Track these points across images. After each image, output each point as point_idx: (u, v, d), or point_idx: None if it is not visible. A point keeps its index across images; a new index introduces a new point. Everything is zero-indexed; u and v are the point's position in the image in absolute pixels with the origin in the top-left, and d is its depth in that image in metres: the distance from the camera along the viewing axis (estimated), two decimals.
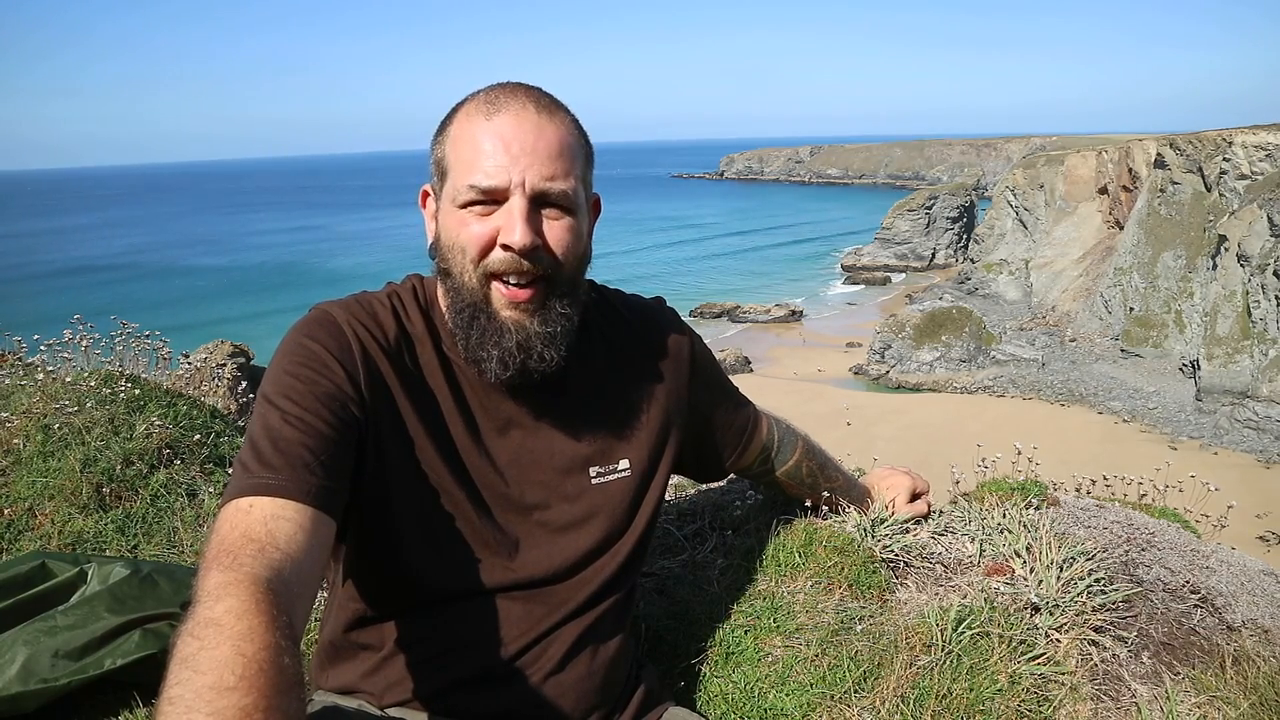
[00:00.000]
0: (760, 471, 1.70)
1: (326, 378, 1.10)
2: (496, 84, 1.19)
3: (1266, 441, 30.77)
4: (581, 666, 1.25)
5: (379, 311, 1.20)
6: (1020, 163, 57.90)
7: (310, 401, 1.07)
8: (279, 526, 0.96)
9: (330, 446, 1.06)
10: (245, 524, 0.95)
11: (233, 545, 0.92)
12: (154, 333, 3.45)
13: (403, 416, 1.16)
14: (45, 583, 1.63)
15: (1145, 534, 1.90)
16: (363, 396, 1.12)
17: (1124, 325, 39.75)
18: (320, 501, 1.01)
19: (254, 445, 1.04)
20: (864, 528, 1.81)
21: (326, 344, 1.13)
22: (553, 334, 1.18)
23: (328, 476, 1.04)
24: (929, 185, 76.23)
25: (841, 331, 46.96)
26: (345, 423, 1.09)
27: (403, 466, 1.16)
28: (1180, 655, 1.64)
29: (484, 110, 1.15)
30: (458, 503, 1.19)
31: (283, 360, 1.12)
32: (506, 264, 1.14)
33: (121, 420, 2.54)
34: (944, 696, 1.45)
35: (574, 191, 1.16)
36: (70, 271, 71.34)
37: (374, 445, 1.14)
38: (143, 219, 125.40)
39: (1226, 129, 38.92)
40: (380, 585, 1.21)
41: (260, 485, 0.99)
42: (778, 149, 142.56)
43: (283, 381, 1.09)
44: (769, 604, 1.65)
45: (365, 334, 1.16)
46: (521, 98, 1.15)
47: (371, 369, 1.14)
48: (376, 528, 1.17)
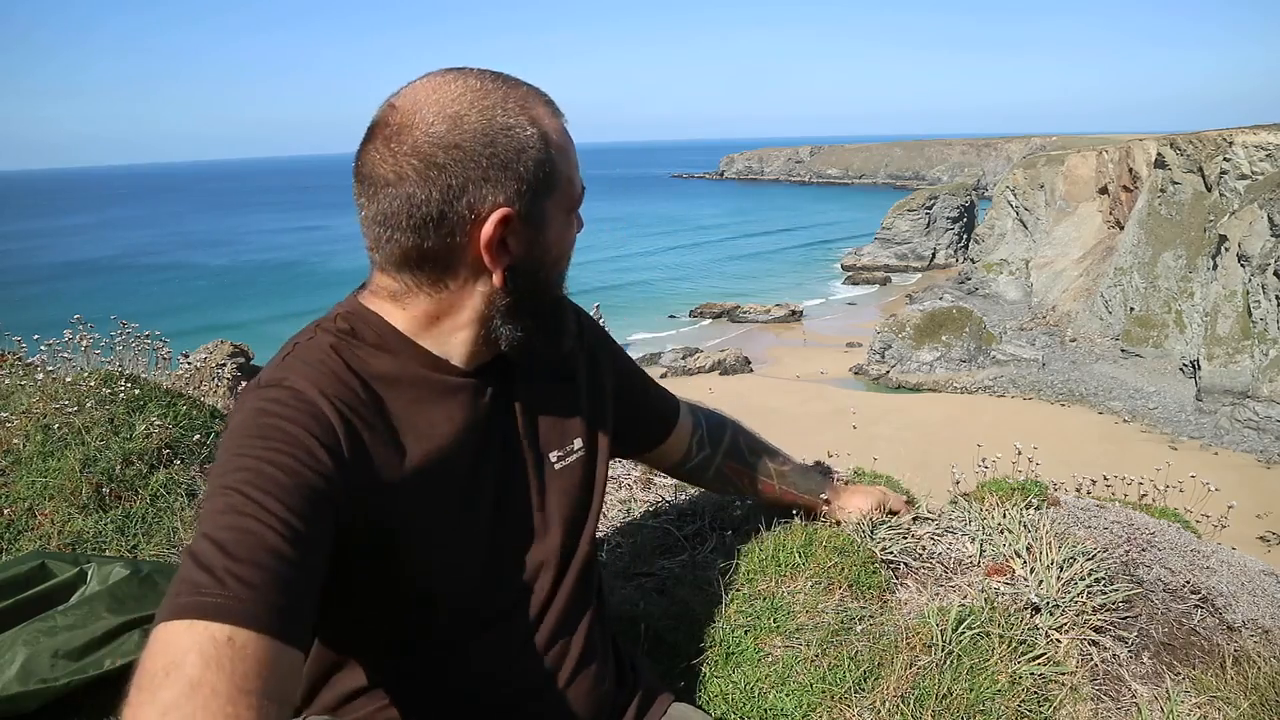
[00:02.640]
0: (700, 460, 1.62)
1: (312, 468, 0.92)
2: (512, 79, 1.09)
3: (1267, 441, 30.78)
4: (584, 668, 1.24)
5: (338, 371, 1.03)
6: (1020, 163, 57.90)
7: (295, 500, 0.88)
8: (272, 675, 0.77)
9: (315, 559, 0.89)
10: (234, 667, 0.74)
11: (228, 701, 0.72)
12: (154, 333, 3.45)
13: (388, 477, 1.03)
14: (45, 583, 1.63)
15: (1146, 534, 1.90)
16: (349, 479, 0.96)
17: (1124, 325, 39.76)
18: (302, 640, 0.83)
19: (224, 549, 0.82)
20: (864, 528, 1.81)
21: (306, 425, 0.95)
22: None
23: (311, 603, 0.87)
24: (929, 185, 76.26)
25: (841, 331, 46.98)
26: (328, 521, 0.92)
27: (395, 525, 1.04)
28: (1181, 655, 1.64)
29: (555, 111, 1.11)
30: (456, 541, 1.12)
31: (254, 444, 0.92)
32: None
33: (121, 420, 2.54)
34: (944, 697, 1.45)
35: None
36: (70, 270, 71.34)
37: (369, 518, 1.00)
38: (143, 219, 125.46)
39: (1227, 129, 38.92)
40: (375, 648, 1.14)
41: (243, 613, 0.78)
42: (778, 149, 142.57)
43: (261, 471, 0.89)
44: (769, 604, 1.65)
45: (341, 404, 1.00)
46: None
47: (355, 442, 0.99)
48: (378, 594, 1.08)
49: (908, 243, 61.75)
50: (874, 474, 2.17)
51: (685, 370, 38.73)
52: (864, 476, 2.18)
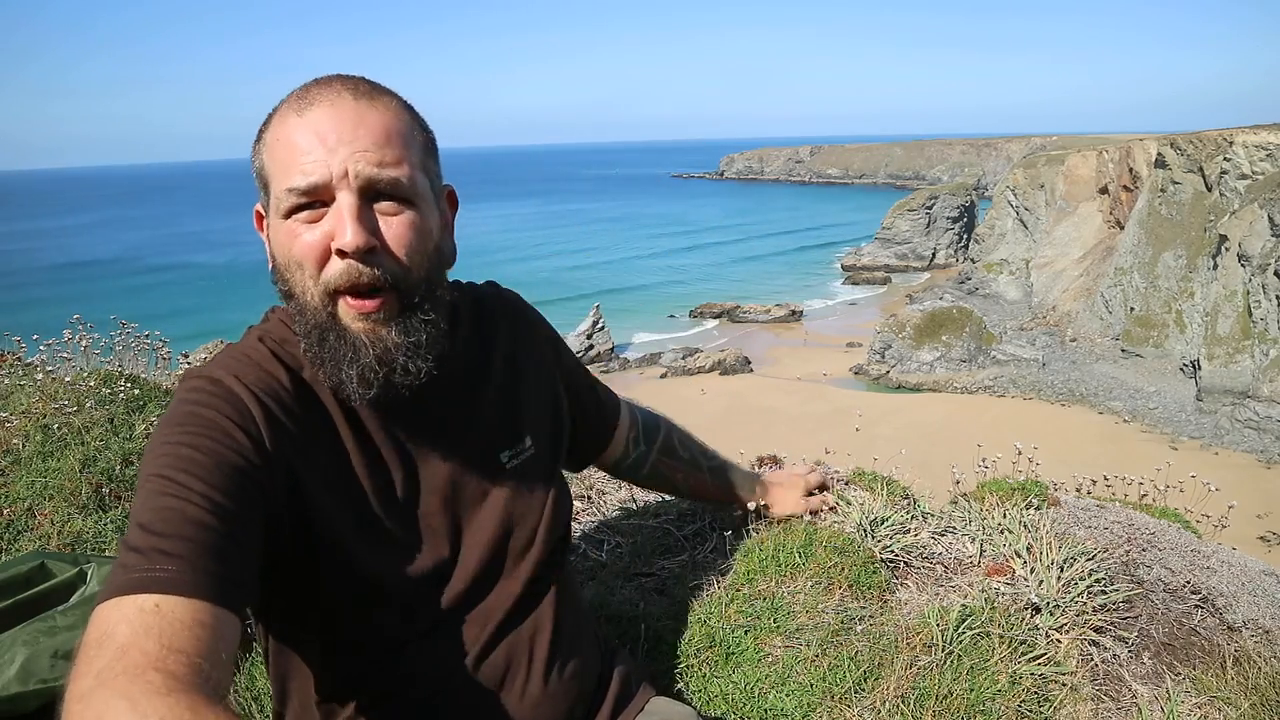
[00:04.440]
0: (636, 457, 1.62)
1: (230, 447, 0.95)
2: (311, 80, 1.07)
3: (1267, 441, 30.76)
4: (552, 659, 1.23)
5: (260, 359, 1.07)
6: (1020, 162, 57.88)
7: (215, 476, 0.92)
8: (202, 635, 0.81)
9: (243, 529, 0.92)
10: (161, 630, 0.79)
11: (157, 659, 0.76)
12: (153, 333, 3.45)
13: (318, 464, 1.05)
14: (45, 583, 1.63)
15: (1146, 534, 1.90)
16: (273, 461, 0.99)
17: (1124, 325, 39.75)
18: (233, 600, 0.87)
19: (148, 529, 0.87)
20: (864, 528, 1.81)
21: (220, 409, 0.98)
22: (416, 343, 1.06)
23: (241, 566, 0.90)
24: (929, 185, 76.23)
25: (842, 331, 46.96)
26: (255, 498, 0.95)
27: (333, 515, 1.05)
28: (1181, 656, 1.64)
29: (295, 107, 1.03)
30: (397, 534, 1.12)
31: (173, 432, 0.96)
32: (345, 275, 1.01)
33: (121, 420, 2.54)
34: (944, 697, 1.45)
35: (410, 179, 1.03)
36: (70, 270, 71.33)
37: (295, 506, 1.02)
38: (143, 219, 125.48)
39: (1227, 129, 38.90)
40: (335, 645, 1.13)
41: (166, 581, 0.82)
42: (778, 149, 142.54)
43: (179, 454, 0.93)
44: (769, 604, 1.65)
45: (258, 389, 1.02)
46: (336, 87, 1.04)
47: (275, 426, 1.01)
48: (319, 586, 1.08)
49: (908, 243, 61.73)
50: (874, 474, 2.17)
51: (685, 370, 38.72)
52: (864, 476, 2.18)
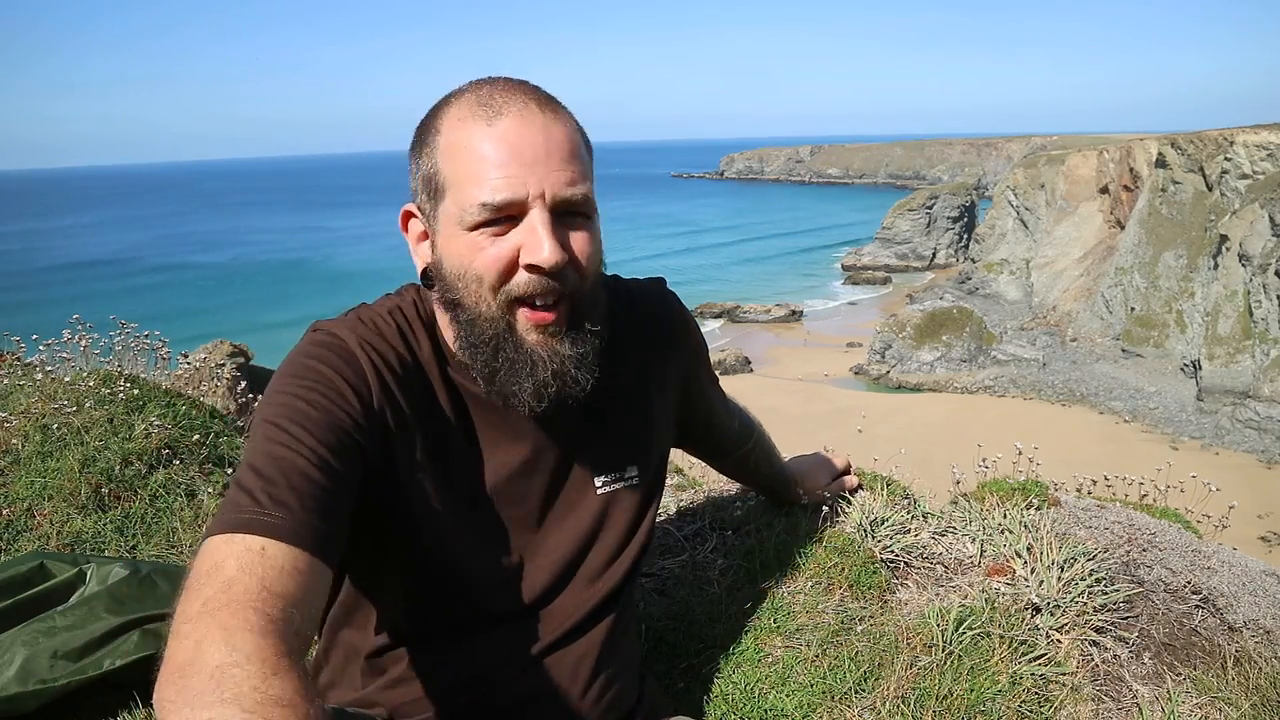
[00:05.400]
0: (736, 453, 1.68)
1: (342, 407, 1.00)
2: (483, 81, 1.06)
3: (1268, 442, 30.75)
4: (594, 680, 1.23)
5: (386, 332, 1.09)
6: (1021, 162, 57.85)
7: (326, 434, 0.97)
8: (299, 583, 0.87)
9: (344, 487, 0.97)
10: (264, 572, 0.85)
11: (257, 598, 0.82)
12: (153, 333, 3.45)
13: (417, 446, 1.08)
14: (44, 583, 1.63)
15: (1146, 534, 1.90)
16: (377, 427, 1.03)
17: (1125, 325, 39.73)
18: (330, 555, 0.92)
19: (261, 474, 0.93)
20: (864, 528, 1.81)
21: (340, 369, 1.02)
22: (584, 355, 1.07)
23: (339, 523, 0.96)
24: (929, 185, 76.21)
25: (842, 331, 46.95)
26: (356, 460, 1.00)
27: (421, 497, 1.09)
28: (1182, 656, 1.64)
29: (483, 114, 1.01)
30: (476, 530, 1.15)
31: (291, 383, 1.01)
32: (534, 286, 1.02)
33: (120, 420, 2.53)
34: (944, 697, 1.45)
35: (589, 194, 1.05)
36: (70, 270, 71.31)
37: (388, 477, 1.06)
38: (143, 219, 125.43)
39: (1228, 128, 38.89)
40: (395, 614, 1.16)
41: (273, 527, 0.88)
42: (778, 149, 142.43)
43: (295, 407, 0.98)
44: (769, 604, 1.65)
45: (378, 358, 1.05)
46: (521, 97, 1.02)
47: (388, 396, 1.05)
48: (396, 558, 1.12)
49: (908, 243, 61.72)
50: (874, 474, 2.17)
51: None
52: (864, 476, 2.18)
